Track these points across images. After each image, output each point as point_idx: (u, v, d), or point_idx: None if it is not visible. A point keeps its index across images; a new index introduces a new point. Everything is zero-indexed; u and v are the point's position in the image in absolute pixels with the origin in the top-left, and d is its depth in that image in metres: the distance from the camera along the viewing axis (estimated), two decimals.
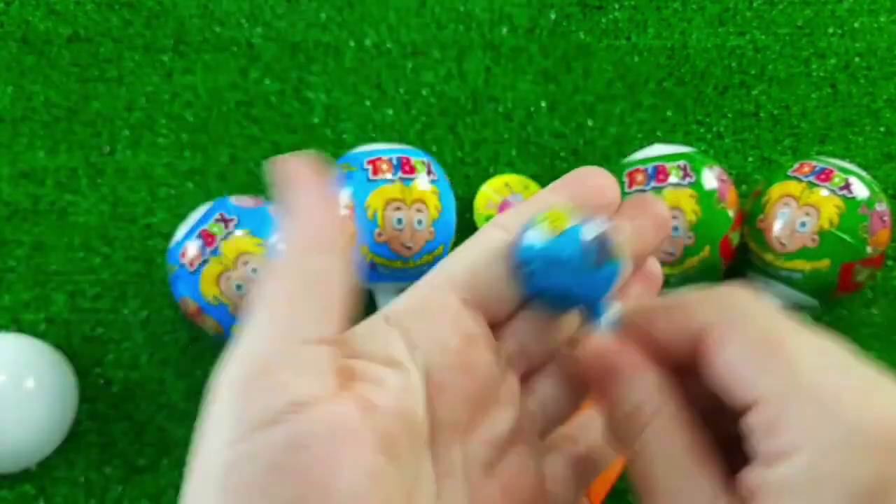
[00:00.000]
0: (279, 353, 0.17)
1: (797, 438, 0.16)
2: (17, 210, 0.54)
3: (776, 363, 0.17)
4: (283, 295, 0.18)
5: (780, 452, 0.16)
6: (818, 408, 0.16)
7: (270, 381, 0.16)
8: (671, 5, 0.60)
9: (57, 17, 0.59)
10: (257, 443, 0.15)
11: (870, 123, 0.57)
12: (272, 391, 0.16)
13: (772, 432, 0.16)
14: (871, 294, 0.53)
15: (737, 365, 0.17)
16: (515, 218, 0.20)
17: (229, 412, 0.16)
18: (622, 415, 0.19)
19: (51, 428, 0.46)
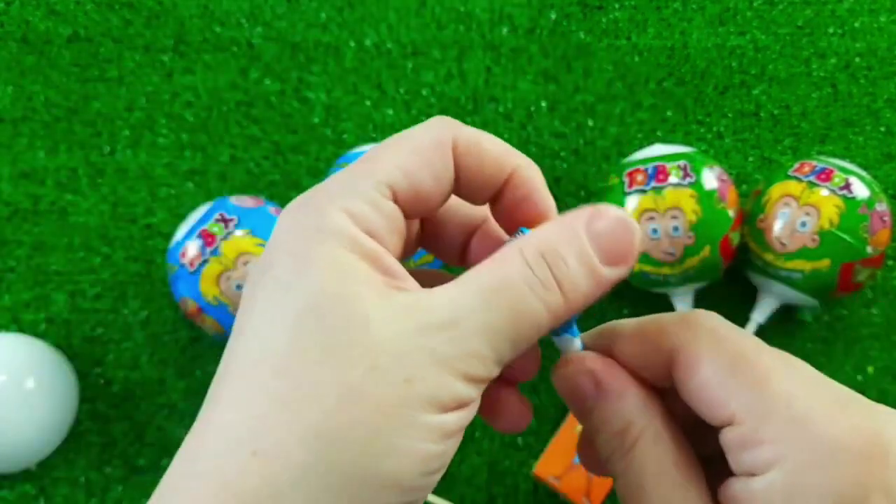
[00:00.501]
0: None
1: (774, 452, 0.16)
2: (18, 210, 0.54)
3: (748, 382, 0.17)
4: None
5: (758, 466, 0.17)
6: (792, 422, 0.17)
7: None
8: (671, 5, 0.60)
9: (57, 17, 0.59)
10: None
11: (870, 123, 0.57)
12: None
13: (748, 447, 0.17)
14: (871, 294, 0.53)
15: (711, 384, 0.18)
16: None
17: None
18: (612, 432, 0.19)
19: (51, 428, 0.46)
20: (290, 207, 0.19)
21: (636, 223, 0.19)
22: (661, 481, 0.18)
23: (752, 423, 0.17)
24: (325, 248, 0.17)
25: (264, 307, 0.17)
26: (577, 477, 0.46)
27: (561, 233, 0.18)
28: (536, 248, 0.18)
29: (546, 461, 0.46)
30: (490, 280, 0.18)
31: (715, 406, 0.18)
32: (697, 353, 0.18)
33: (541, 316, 0.18)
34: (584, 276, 0.18)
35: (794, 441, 0.16)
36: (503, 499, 0.48)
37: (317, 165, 0.56)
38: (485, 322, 0.17)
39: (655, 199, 0.46)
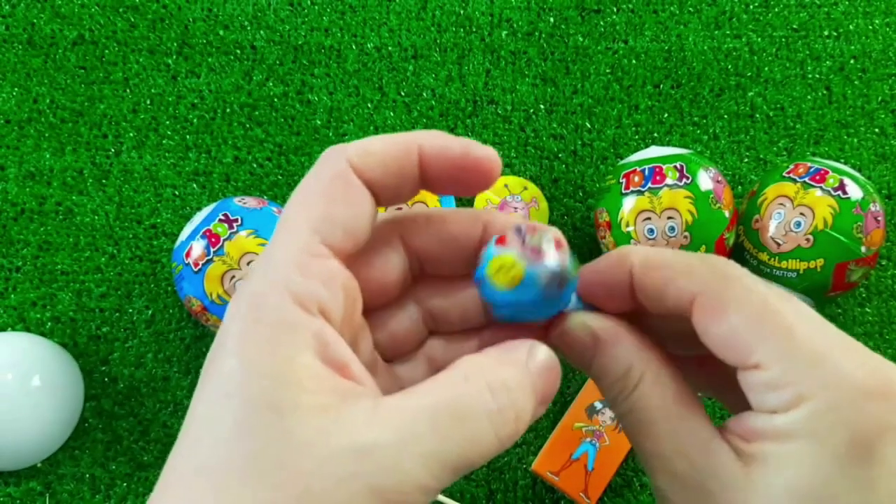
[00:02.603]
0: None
1: (799, 394, 0.17)
2: (24, 210, 0.54)
3: (774, 330, 0.18)
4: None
5: (782, 405, 0.18)
6: (819, 367, 0.17)
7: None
8: (668, 9, 0.61)
9: (62, 19, 0.59)
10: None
11: (864, 125, 0.58)
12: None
13: (774, 389, 0.18)
14: (864, 293, 0.54)
15: (738, 333, 0.18)
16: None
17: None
18: (614, 378, 0.20)
19: (57, 425, 0.47)
20: (236, 294, 0.18)
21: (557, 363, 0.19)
22: (666, 416, 0.19)
23: (778, 369, 0.18)
24: (265, 345, 0.17)
25: (205, 413, 0.17)
26: (576, 473, 0.46)
27: (515, 370, 0.18)
28: (497, 381, 0.18)
29: (545, 457, 0.47)
30: (447, 403, 0.17)
31: (742, 353, 0.18)
32: (725, 301, 0.19)
33: (491, 446, 0.17)
34: (530, 413, 0.18)
35: (818, 383, 0.17)
36: (502, 494, 0.49)
37: None
38: (433, 451, 0.16)
39: (652, 199, 0.46)
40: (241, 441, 0.16)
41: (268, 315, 0.17)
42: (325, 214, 0.18)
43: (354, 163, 0.19)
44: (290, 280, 0.17)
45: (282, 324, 0.17)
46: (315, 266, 0.18)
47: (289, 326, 0.17)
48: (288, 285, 0.17)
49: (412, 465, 0.16)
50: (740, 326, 0.18)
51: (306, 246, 0.18)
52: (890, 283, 0.54)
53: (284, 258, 0.18)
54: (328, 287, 0.18)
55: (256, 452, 0.16)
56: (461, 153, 0.20)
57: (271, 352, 0.17)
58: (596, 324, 0.21)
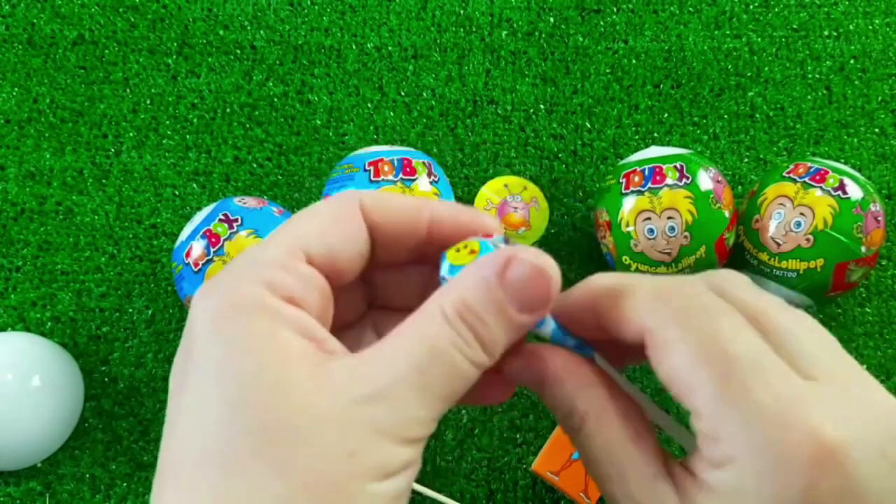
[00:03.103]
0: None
1: (733, 450, 0.17)
2: (24, 210, 0.54)
3: (713, 375, 0.17)
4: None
5: (716, 461, 0.17)
6: (752, 424, 0.17)
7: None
8: (668, 9, 0.61)
9: (62, 19, 0.59)
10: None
11: (864, 125, 0.58)
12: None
13: (709, 441, 0.18)
14: (864, 293, 0.54)
15: (678, 374, 0.18)
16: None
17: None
18: (562, 416, 0.21)
19: (57, 425, 0.47)
20: (203, 290, 0.19)
21: (552, 267, 0.19)
22: (611, 456, 0.19)
23: (712, 419, 0.17)
24: (244, 325, 0.17)
25: (194, 402, 0.17)
26: (575, 473, 0.46)
27: (477, 288, 0.18)
28: (456, 309, 0.18)
29: (545, 457, 0.47)
30: (419, 345, 0.18)
31: (682, 395, 0.18)
32: (666, 339, 0.18)
33: (469, 372, 0.18)
34: (502, 330, 0.19)
35: (746, 445, 0.17)
36: (502, 494, 0.49)
37: (319, 167, 0.56)
38: (420, 387, 0.17)
39: (652, 199, 0.46)
40: (240, 418, 0.16)
41: (244, 300, 0.18)
42: (316, 232, 0.20)
43: (365, 203, 0.20)
44: (266, 273, 0.18)
45: (259, 306, 0.18)
46: (293, 266, 0.19)
47: (266, 308, 0.18)
48: (263, 277, 0.18)
49: (407, 402, 0.17)
50: (680, 367, 0.18)
51: (288, 249, 0.19)
52: (890, 283, 0.54)
53: (264, 256, 0.19)
54: (304, 284, 0.19)
55: (258, 426, 0.16)
56: (469, 223, 0.21)
57: (252, 331, 0.17)
58: (538, 363, 0.21)
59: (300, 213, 0.20)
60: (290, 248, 0.19)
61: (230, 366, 0.17)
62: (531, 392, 0.51)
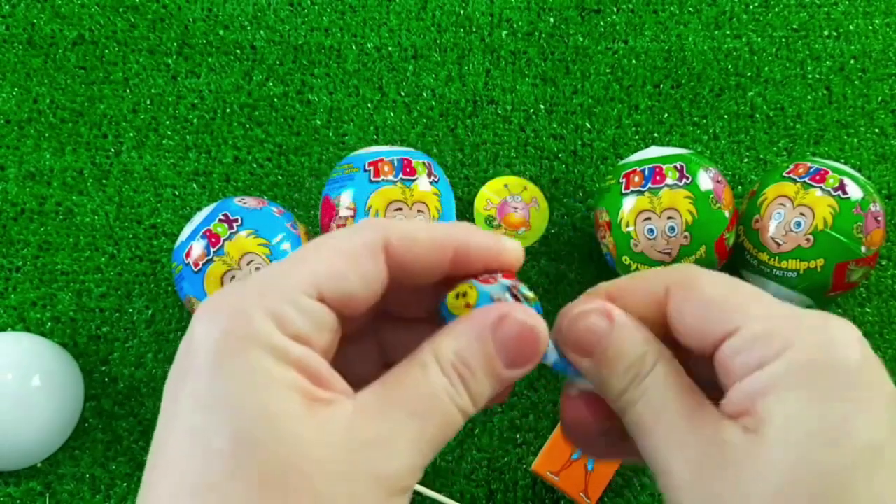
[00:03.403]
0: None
1: (783, 340, 0.18)
2: (24, 210, 0.54)
3: (746, 295, 0.20)
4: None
5: (769, 356, 0.18)
6: (791, 318, 0.19)
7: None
8: (668, 9, 0.61)
9: (62, 19, 0.59)
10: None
11: (864, 125, 0.58)
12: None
13: (758, 344, 0.19)
14: (864, 293, 0.54)
15: (714, 304, 0.20)
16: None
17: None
18: (629, 363, 0.20)
19: (57, 425, 0.47)
20: (209, 308, 0.18)
21: (542, 327, 0.20)
22: (682, 397, 0.20)
23: (757, 324, 0.19)
24: (248, 360, 0.17)
25: (185, 436, 0.17)
26: (576, 472, 0.46)
27: (470, 342, 0.19)
28: (450, 361, 0.19)
29: (545, 457, 0.47)
30: (417, 397, 0.19)
31: (719, 322, 0.19)
32: (698, 281, 0.20)
33: (459, 421, 0.19)
34: (488, 384, 0.20)
35: (803, 331, 0.18)
36: (502, 494, 0.49)
37: (319, 167, 0.56)
38: (415, 435, 0.18)
39: (652, 199, 0.46)
40: (240, 458, 0.16)
41: (252, 334, 0.17)
42: (332, 271, 0.19)
43: (392, 243, 0.20)
44: (277, 306, 0.18)
45: (266, 344, 0.17)
46: (304, 304, 0.18)
47: (273, 347, 0.17)
48: (274, 310, 0.18)
49: (404, 450, 0.18)
50: (716, 298, 0.20)
51: (301, 285, 0.18)
52: (890, 283, 0.54)
53: (277, 287, 0.18)
54: (313, 323, 0.19)
55: (259, 467, 0.16)
56: (496, 252, 0.21)
57: (257, 370, 0.17)
58: (610, 307, 0.21)
59: (319, 242, 0.20)
60: (303, 283, 0.19)
61: (227, 400, 0.17)
62: (531, 392, 0.51)
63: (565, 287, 0.53)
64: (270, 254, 0.45)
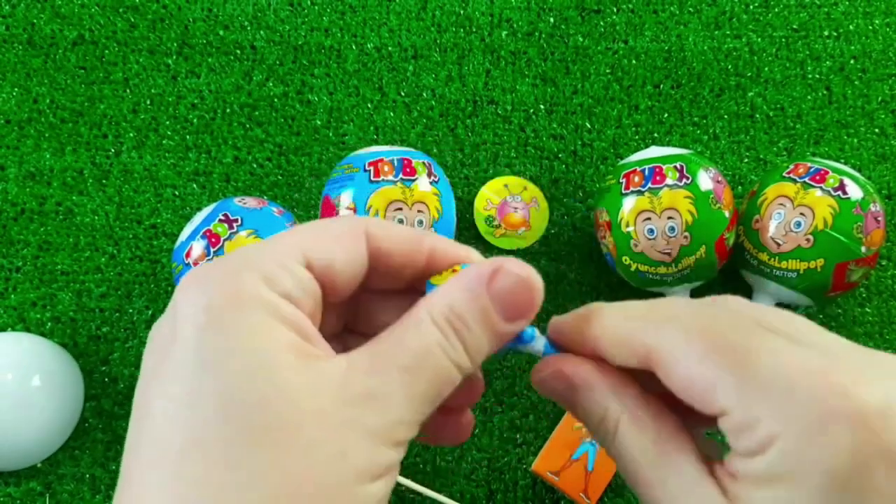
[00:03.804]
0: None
1: (769, 432, 0.17)
2: (24, 210, 0.54)
3: (729, 366, 0.17)
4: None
5: (757, 448, 0.17)
6: (785, 400, 0.17)
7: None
8: (668, 9, 0.61)
9: (62, 19, 0.59)
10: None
11: (864, 125, 0.58)
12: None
13: (745, 431, 0.17)
14: (864, 293, 0.54)
15: (693, 381, 0.18)
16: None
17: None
18: (595, 423, 0.21)
19: (57, 425, 0.47)
20: (193, 279, 0.18)
21: (536, 278, 0.19)
22: (649, 460, 0.19)
23: (741, 407, 0.17)
24: (241, 315, 0.17)
25: (182, 391, 0.17)
26: (576, 473, 0.46)
27: (464, 295, 0.19)
28: (444, 315, 0.19)
29: (545, 457, 0.47)
30: (408, 350, 0.18)
31: (703, 397, 0.18)
32: (671, 353, 0.18)
33: (454, 375, 0.19)
34: (486, 337, 0.19)
35: (788, 420, 0.16)
36: (502, 494, 0.49)
37: (319, 167, 0.56)
38: (407, 389, 0.18)
39: (652, 200, 0.46)
40: (233, 412, 0.16)
41: (242, 292, 0.17)
42: (319, 241, 0.19)
43: (371, 229, 0.20)
44: (266, 268, 0.18)
45: (257, 300, 0.17)
46: (292, 267, 0.19)
47: (264, 303, 0.17)
48: (263, 271, 0.18)
49: (396, 403, 0.18)
50: (692, 374, 0.18)
51: (289, 250, 0.19)
52: (890, 284, 0.54)
53: (264, 252, 0.19)
54: (300, 286, 0.19)
55: (252, 421, 0.16)
56: (465, 258, 0.21)
57: (250, 325, 0.17)
58: (569, 370, 0.21)
59: (305, 224, 0.20)
60: (291, 249, 0.19)
61: (226, 360, 0.17)
62: (531, 392, 0.51)
63: (565, 287, 0.53)
64: None
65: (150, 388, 0.17)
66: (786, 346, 0.17)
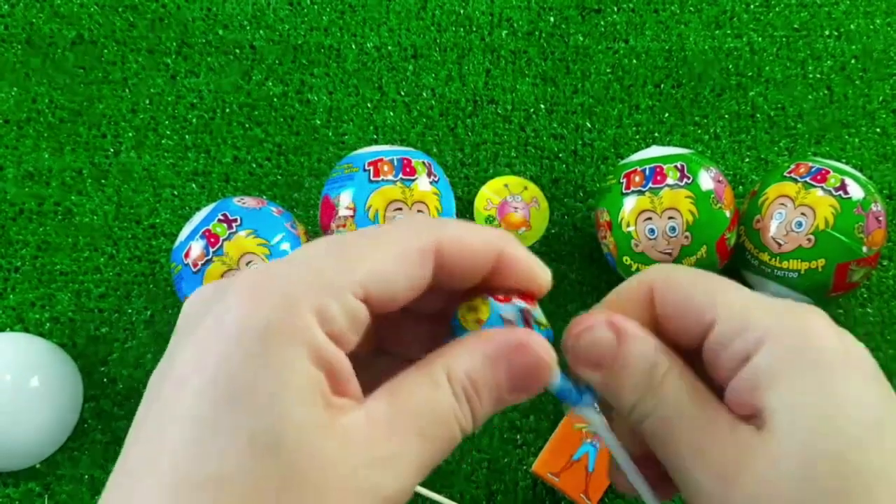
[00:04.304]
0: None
1: (763, 330, 0.19)
2: (23, 210, 0.54)
3: (721, 287, 0.20)
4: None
5: (750, 347, 0.19)
6: (767, 307, 0.19)
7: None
8: (669, 8, 0.61)
9: (61, 19, 0.59)
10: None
11: (865, 125, 0.58)
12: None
13: (739, 334, 0.19)
14: (866, 293, 0.54)
15: (693, 294, 0.20)
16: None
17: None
18: (640, 374, 0.20)
19: (56, 426, 0.47)
20: (254, 286, 0.17)
21: (554, 360, 0.20)
22: (697, 406, 0.20)
23: (736, 314, 0.19)
24: (286, 356, 0.16)
25: (188, 424, 0.16)
26: (576, 474, 0.46)
27: (484, 365, 0.19)
28: (461, 382, 0.19)
29: (545, 458, 0.47)
30: (425, 411, 0.18)
31: (700, 311, 0.20)
32: (674, 277, 0.21)
33: (458, 440, 0.19)
34: (491, 407, 0.20)
35: (775, 318, 0.19)
36: (502, 495, 0.49)
37: (319, 166, 0.56)
38: (421, 455, 0.18)
39: (653, 199, 0.46)
40: (260, 453, 0.16)
41: (296, 328, 0.17)
42: (383, 269, 0.18)
43: (445, 248, 0.19)
44: (323, 299, 0.17)
45: (308, 342, 0.17)
46: (348, 300, 0.18)
47: (313, 347, 0.17)
48: (319, 303, 0.17)
49: (408, 470, 0.18)
50: (692, 289, 0.20)
51: (351, 278, 0.18)
52: (891, 284, 0.54)
53: (326, 276, 0.18)
54: (351, 323, 0.18)
55: (282, 465, 0.16)
56: (528, 271, 0.21)
57: (287, 365, 0.16)
58: (617, 319, 0.21)
59: (374, 236, 0.19)
60: (352, 276, 0.18)
61: (256, 401, 0.16)
62: None
63: (566, 287, 0.53)
64: (270, 254, 0.45)
65: (165, 396, 0.17)
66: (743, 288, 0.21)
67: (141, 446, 0.17)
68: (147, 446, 0.17)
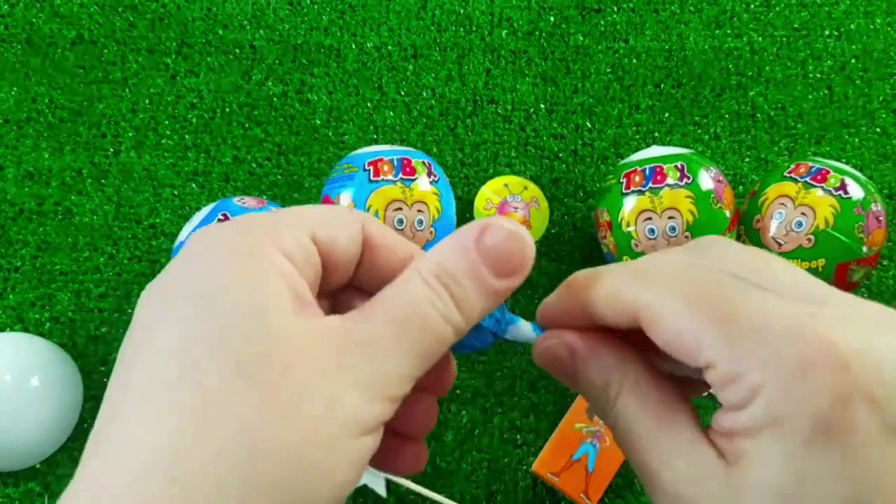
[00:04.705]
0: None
1: (753, 384, 0.17)
2: (23, 210, 0.54)
3: (713, 321, 0.18)
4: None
5: (742, 400, 0.17)
6: (768, 351, 0.17)
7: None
8: (669, 8, 0.61)
9: (61, 19, 0.59)
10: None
11: (865, 124, 0.58)
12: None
13: (729, 384, 0.17)
14: (866, 293, 0.54)
15: (679, 337, 0.18)
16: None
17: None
18: (597, 391, 0.21)
19: (56, 426, 0.47)
20: (208, 227, 0.19)
21: (527, 234, 0.20)
22: (648, 426, 0.19)
23: (726, 359, 0.17)
24: (256, 263, 0.18)
25: (182, 320, 0.17)
26: (576, 473, 0.46)
27: (454, 252, 0.19)
28: (433, 272, 0.19)
29: (545, 458, 0.47)
30: (398, 304, 0.19)
31: (690, 356, 0.18)
32: (659, 310, 0.19)
33: (445, 331, 0.19)
34: (478, 294, 0.19)
35: (768, 368, 0.17)
36: (502, 495, 0.49)
37: (318, 166, 0.56)
38: (399, 340, 0.18)
39: (653, 199, 0.46)
40: (231, 345, 0.17)
41: (256, 246, 0.18)
42: (325, 220, 0.20)
43: (366, 223, 0.21)
44: (274, 233, 0.19)
45: (268, 257, 0.18)
46: (300, 237, 0.19)
47: (273, 260, 0.18)
48: (272, 235, 0.19)
49: (386, 356, 0.18)
50: (679, 330, 0.18)
51: (297, 222, 0.19)
52: (891, 284, 0.54)
53: (273, 220, 0.19)
54: (304, 256, 0.19)
55: (248, 356, 0.17)
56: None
57: (262, 270, 0.18)
58: (571, 339, 0.21)
59: (311, 205, 0.21)
60: (300, 221, 0.19)
61: (229, 294, 0.17)
62: (531, 392, 0.51)
63: None
64: None
65: (148, 312, 0.18)
66: (769, 299, 0.18)
67: (131, 349, 0.18)
68: (137, 348, 0.18)
